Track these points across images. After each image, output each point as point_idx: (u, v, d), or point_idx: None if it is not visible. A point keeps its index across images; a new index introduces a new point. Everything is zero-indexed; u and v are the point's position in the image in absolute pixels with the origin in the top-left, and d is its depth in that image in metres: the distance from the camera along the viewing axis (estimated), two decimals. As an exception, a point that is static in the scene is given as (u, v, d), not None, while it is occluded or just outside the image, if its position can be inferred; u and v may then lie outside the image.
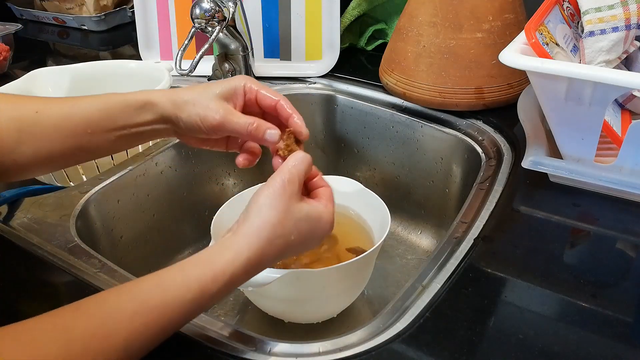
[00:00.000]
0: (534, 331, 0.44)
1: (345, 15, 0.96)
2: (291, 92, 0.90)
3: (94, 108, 0.48)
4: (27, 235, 0.58)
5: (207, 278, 0.38)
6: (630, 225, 0.55)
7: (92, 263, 0.53)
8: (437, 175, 0.80)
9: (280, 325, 0.64)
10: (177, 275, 0.39)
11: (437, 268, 0.51)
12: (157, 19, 0.96)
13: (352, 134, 0.89)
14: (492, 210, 0.58)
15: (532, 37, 0.56)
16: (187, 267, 0.39)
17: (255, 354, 0.43)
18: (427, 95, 0.76)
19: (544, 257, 0.52)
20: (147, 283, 0.38)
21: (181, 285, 0.38)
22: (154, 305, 0.37)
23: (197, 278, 0.38)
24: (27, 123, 0.47)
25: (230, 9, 0.77)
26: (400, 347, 0.43)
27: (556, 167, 0.59)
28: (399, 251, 0.83)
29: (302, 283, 0.56)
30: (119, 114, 0.48)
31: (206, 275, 0.38)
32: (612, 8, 0.60)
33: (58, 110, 0.48)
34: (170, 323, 0.38)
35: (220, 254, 0.40)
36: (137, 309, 0.37)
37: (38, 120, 0.47)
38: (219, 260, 0.39)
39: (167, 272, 0.39)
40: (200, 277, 0.38)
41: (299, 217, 0.42)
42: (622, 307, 0.46)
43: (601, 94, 0.53)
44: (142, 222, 0.73)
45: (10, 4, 1.35)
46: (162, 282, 0.38)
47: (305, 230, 0.43)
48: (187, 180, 0.79)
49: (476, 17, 0.72)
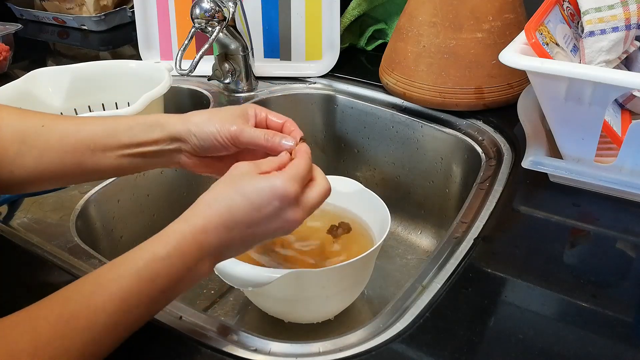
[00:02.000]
0: (534, 331, 0.44)
1: (345, 15, 0.96)
2: (291, 92, 0.90)
3: (100, 126, 0.49)
4: (27, 235, 0.58)
5: (154, 242, 0.40)
6: (630, 225, 0.55)
7: (92, 263, 0.54)
8: (437, 175, 0.80)
9: (280, 325, 0.64)
10: (132, 251, 0.40)
11: (437, 268, 0.51)
12: (157, 19, 0.96)
13: (352, 134, 0.89)
14: (492, 210, 0.58)
15: (532, 37, 0.56)
16: (143, 243, 0.40)
17: (255, 354, 0.43)
18: (427, 95, 0.76)
19: (544, 257, 0.52)
20: (105, 266, 0.40)
21: (133, 257, 0.39)
22: (108, 280, 0.38)
23: (145, 246, 0.40)
24: (31, 136, 0.47)
25: (230, 9, 0.77)
26: (400, 347, 0.43)
27: (556, 167, 0.59)
28: (399, 251, 0.83)
29: (302, 283, 0.56)
30: (124, 131, 0.48)
31: (153, 240, 0.40)
32: (612, 8, 0.60)
33: (64, 126, 0.48)
34: (127, 295, 0.38)
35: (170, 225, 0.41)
36: (94, 289, 0.38)
37: (42, 133, 0.48)
38: (167, 229, 0.41)
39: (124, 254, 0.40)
40: (148, 244, 0.40)
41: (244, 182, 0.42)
42: (622, 307, 0.46)
43: (601, 94, 0.53)
44: (142, 222, 0.73)
45: (10, 4, 1.35)
46: (116, 260, 0.39)
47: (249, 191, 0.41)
48: (187, 180, 0.79)
49: (476, 17, 0.72)
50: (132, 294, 0.38)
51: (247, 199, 0.41)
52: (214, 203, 0.42)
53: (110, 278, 0.38)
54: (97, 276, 0.39)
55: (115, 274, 0.38)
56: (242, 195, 0.41)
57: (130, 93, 0.84)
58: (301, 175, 0.44)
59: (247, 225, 0.42)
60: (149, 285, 0.39)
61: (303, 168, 0.44)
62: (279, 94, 0.90)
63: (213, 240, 0.41)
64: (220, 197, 0.42)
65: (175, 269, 0.40)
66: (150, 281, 0.39)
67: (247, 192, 0.41)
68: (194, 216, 0.41)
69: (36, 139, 0.47)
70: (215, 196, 0.42)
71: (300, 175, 0.43)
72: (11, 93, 0.79)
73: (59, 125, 0.48)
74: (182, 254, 0.40)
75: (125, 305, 0.38)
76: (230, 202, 0.41)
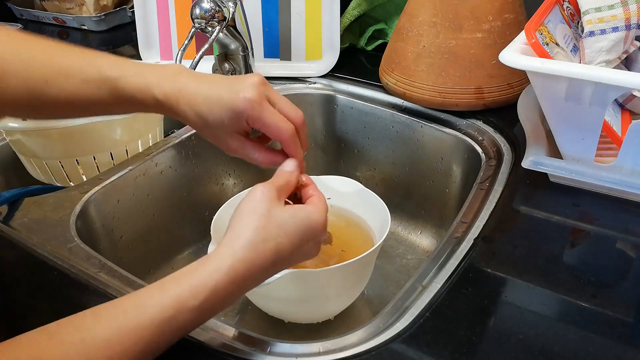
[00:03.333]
0: (534, 331, 0.44)
1: (345, 15, 0.96)
2: (291, 92, 0.90)
3: None
4: (27, 235, 0.58)
5: (185, 293, 0.36)
6: (630, 225, 0.55)
7: (92, 263, 0.53)
8: (437, 175, 0.80)
9: (280, 325, 0.64)
10: (155, 293, 0.37)
11: (437, 268, 0.51)
12: (157, 19, 0.96)
13: (352, 134, 0.89)
14: (492, 210, 0.58)
15: (532, 37, 0.56)
16: (167, 283, 0.38)
17: (255, 354, 0.43)
18: (427, 95, 0.76)
19: (544, 257, 0.52)
20: (126, 304, 0.37)
21: (158, 303, 0.36)
22: (131, 328, 0.35)
23: (175, 294, 0.36)
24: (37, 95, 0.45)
25: (230, 9, 0.77)
26: (400, 347, 0.43)
27: (556, 167, 0.59)
28: (399, 251, 0.83)
29: (302, 283, 0.56)
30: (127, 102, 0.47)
31: (183, 290, 0.37)
32: (612, 8, 0.60)
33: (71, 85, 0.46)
34: (150, 344, 0.36)
35: (202, 265, 0.38)
36: (115, 334, 0.35)
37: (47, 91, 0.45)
38: (200, 273, 0.37)
39: (147, 290, 0.37)
40: (178, 292, 0.36)
41: (284, 219, 0.41)
42: (622, 307, 0.46)
43: (601, 94, 0.53)
44: (142, 222, 0.73)
45: (10, 4, 1.34)
46: (140, 302, 0.37)
47: (293, 231, 0.41)
48: (187, 180, 0.79)
49: (476, 17, 0.72)
50: (151, 345, 0.36)
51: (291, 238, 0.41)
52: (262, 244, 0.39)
53: (131, 327, 0.35)
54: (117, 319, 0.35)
55: (136, 321, 0.35)
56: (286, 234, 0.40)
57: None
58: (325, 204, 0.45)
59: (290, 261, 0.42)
60: (173, 334, 0.37)
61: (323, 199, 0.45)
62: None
63: (249, 285, 0.40)
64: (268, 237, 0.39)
65: (203, 318, 0.38)
66: (176, 330, 0.37)
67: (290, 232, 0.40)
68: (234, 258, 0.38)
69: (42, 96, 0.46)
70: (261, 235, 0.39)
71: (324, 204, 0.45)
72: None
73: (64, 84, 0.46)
74: (218, 302, 0.37)
75: (143, 355, 0.36)
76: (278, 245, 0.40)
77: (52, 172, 0.74)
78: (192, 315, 0.37)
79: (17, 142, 0.73)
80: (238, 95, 0.45)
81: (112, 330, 0.35)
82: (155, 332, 0.36)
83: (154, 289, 0.37)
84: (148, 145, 0.78)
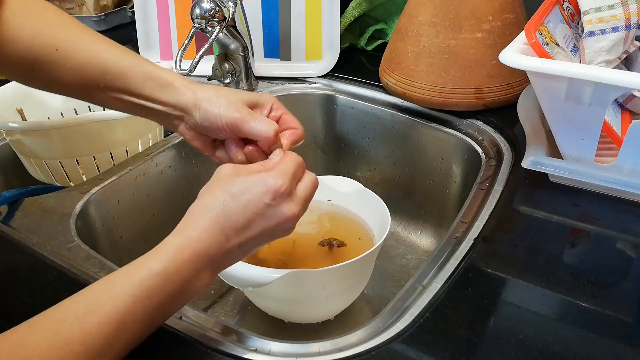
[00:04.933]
0: (534, 331, 0.44)
1: (345, 15, 0.96)
2: (291, 92, 0.90)
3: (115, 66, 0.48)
4: (27, 235, 0.58)
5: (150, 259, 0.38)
6: (630, 225, 0.55)
7: (92, 263, 0.53)
8: (437, 175, 0.80)
9: (280, 325, 0.64)
10: (125, 268, 0.39)
11: (437, 268, 0.51)
12: (157, 19, 0.96)
13: (352, 134, 0.89)
14: (492, 210, 0.58)
15: (532, 37, 0.56)
16: (137, 259, 0.39)
17: (255, 354, 0.43)
18: (427, 95, 0.76)
19: (544, 257, 0.52)
20: (99, 282, 0.38)
21: (127, 274, 0.38)
22: (103, 299, 0.36)
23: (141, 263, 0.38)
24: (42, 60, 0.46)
25: (230, 9, 0.77)
26: (400, 347, 0.43)
27: (556, 167, 0.59)
28: (399, 251, 0.83)
29: (302, 283, 0.56)
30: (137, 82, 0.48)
31: (149, 257, 0.39)
32: (612, 8, 0.60)
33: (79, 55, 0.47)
34: (125, 315, 0.36)
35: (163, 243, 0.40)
36: (89, 310, 0.36)
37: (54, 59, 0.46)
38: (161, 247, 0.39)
39: (119, 269, 0.39)
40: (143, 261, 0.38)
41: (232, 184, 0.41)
42: (622, 307, 0.46)
43: (601, 94, 0.53)
44: (142, 222, 0.73)
45: (10, 4, 1.34)
46: (111, 277, 0.38)
47: (239, 192, 0.40)
48: (187, 180, 0.79)
49: (476, 17, 0.72)
50: (127, 314, 0.36)
51: (238, 199, 0.40)
52: (206, 211, 0.40)
53: (104, 298, 0.36)
54: (92, 294, 0.37)
55: (109, 293, 0.37)
56: (232, 196, 0.40)
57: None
58: (291, 170, 0.42)
59: (244, 228, 0.40)
60: (145, 303, 0.37)
61: (292, 163, 0.43)
62: (279, 94, 0.89)
63: (210, 250, 0.39)
64: (211, 204, 0.40)
65: (172, 284, 0.38)
66: (146, 299, 0.37)
67: (237, 192, 0.40)
68: (187, 227, 0.40)
69: (46, 64, 0.46)
70: (206, 203, 0.41)
71: (289, 170, 0.42)
72: (11, 93, 0.79)
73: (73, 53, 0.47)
74: (179, 268, 0.38)
75: (121, 326, 0.36)
76: (222, 206, 0.40)
77: (52, 172, 0.74)
78: (160, 281, 0.38)
79: (17, 142, 0.73)
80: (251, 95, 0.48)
81: (86, 307, 0.36)
82: (125, 301, 0.36)
83: (125, 266, 0.39)
84: (148, 145, 0.78)
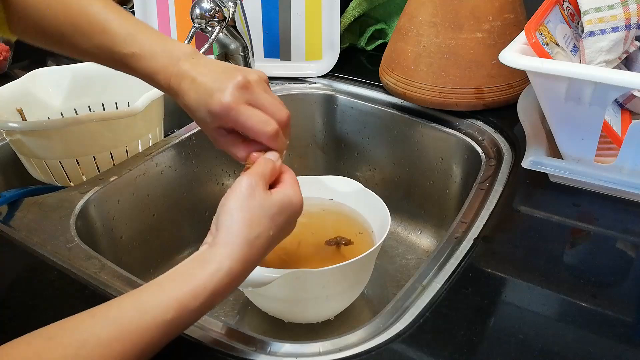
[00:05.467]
0: (534, 331, 0.44)
1: (345, 15, 0.96)
2: (291, 92, 0.90)
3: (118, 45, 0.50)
4: (27, 235, 0.58)
5: (186, 296, 0.37)
6: (630, 225, 0.55)
7: (92, 263, 0.53)
8: (437, 175, 0.80)
9: (280, 325, 0.64)
10: (156, 294, 0.37)
11: (437, 268, 0.51)
12: (157, 19, 0.96)
13: (352, 134, 0.89)
14: (492, 210, 0.58)
15: (532, 37, 0.56)
16: (166, 283, 0.38)
17: (255, 354, 0.43)
18: (427, 95, 0.76)
19: (544, 257, 0.52)
20: (125, 304, 0.37)
21: (160, 305, 0.36)
22: (132, 329, 0.35)
23: (175, 296, 0.37)
24: None
25: (230, 9, 0.77)
26: (400, 347, 0.43)
27: (556, 167, 0.59)
28: (399, 251, 0.83)
29: (302, 283, 0.56)
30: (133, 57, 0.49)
31: (184, 293, 0.37)
32: (612, 8, 0.60)
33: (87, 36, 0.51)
34: (150, 345, 0.36)
35: (201, 267, 0.38)
36: (115, 335, 0.34)
37: None
38: (200, 275, 0.38)
39: (146, 290, 0.37)
40: (179, 295, 0.37)
41: (274, 211, 0.41)
42: (622, 307, 0.46)
43: (601, 94, 0.53)
44: (142, 222, 0.73)
45: (10, 4, 1.34)
46: (140, 303, 0.37)
47: (282, 222, 0.42)
48: (187, 180, 0.79)
49: (476, 17, 0.72)
50: (154, 345, 0.36)
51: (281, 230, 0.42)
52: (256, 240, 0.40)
53: (133, 329, 0.35)
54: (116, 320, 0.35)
55: (138, 324, 0.35)
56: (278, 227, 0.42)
57: (130, 93, 0.84)
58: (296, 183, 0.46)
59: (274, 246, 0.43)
60: (172, 335, 0.37)
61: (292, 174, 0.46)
62: (279, 94, 0.90)
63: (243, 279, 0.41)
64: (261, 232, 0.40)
65: (200, 317, 0.39)
66: (175, 331, 0.37)
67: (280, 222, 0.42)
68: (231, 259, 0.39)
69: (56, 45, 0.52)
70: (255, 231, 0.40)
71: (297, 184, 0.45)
72: (11, 93, 0.79)
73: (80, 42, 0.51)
74: (215, 301, 0.38)
75: (141, 356, 0.36)
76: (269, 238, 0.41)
77: (52, 172, 0.74)
78: (191, 316, 0.38)
79: (17, 142, 0.73)
80: (214, 97, 0.45)
81: (112, 332, 0.35)
82: (155, 334, 0.36)
83: (152, 289, 0.37)
84: (148, 145, 0.78)
